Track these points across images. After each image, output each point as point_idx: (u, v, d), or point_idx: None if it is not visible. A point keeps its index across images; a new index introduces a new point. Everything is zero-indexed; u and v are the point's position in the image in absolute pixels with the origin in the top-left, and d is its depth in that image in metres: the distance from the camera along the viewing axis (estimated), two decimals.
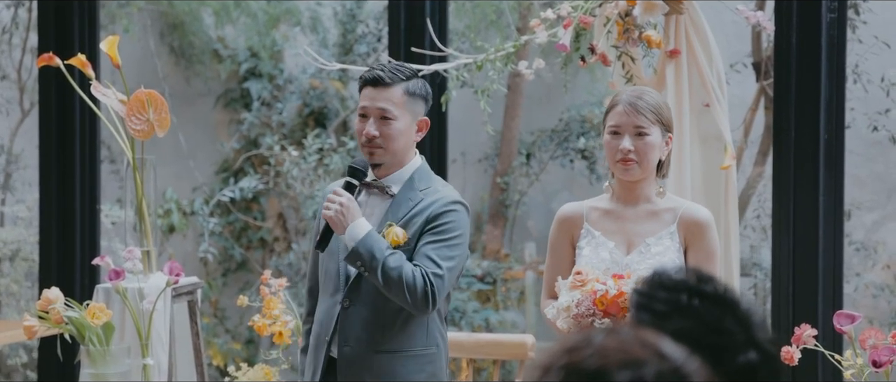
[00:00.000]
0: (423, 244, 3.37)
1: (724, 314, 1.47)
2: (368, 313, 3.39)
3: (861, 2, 5.64)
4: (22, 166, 6.76)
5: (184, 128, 6.96)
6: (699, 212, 3.36)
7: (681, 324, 1.45)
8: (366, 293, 3.39)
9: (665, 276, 1.50)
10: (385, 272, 3.28)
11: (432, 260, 3.34)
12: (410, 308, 3.33)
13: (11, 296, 6.50)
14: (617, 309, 3.07)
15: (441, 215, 3.39)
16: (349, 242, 3.30)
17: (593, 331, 1.35)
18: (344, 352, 3.40)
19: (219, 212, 6.87)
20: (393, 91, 3.38)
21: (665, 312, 1.47)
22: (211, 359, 6.65)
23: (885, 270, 5.97)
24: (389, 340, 3.39)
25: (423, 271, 3.31)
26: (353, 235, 3.30)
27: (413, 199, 3.41)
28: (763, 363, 1.46)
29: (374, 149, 3.39)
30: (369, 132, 3.37)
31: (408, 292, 3.29)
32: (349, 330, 3.40)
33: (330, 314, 3.45)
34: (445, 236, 3.38)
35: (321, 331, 3.47)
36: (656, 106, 3.33)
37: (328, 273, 3.48)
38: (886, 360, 3.21)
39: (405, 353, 3.41)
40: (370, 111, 3.38)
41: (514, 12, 6.52)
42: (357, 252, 3.29)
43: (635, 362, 1.29)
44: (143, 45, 6.97)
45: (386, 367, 3.39)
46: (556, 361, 1.32)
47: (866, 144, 5.93)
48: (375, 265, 3.28)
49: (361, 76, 3.44)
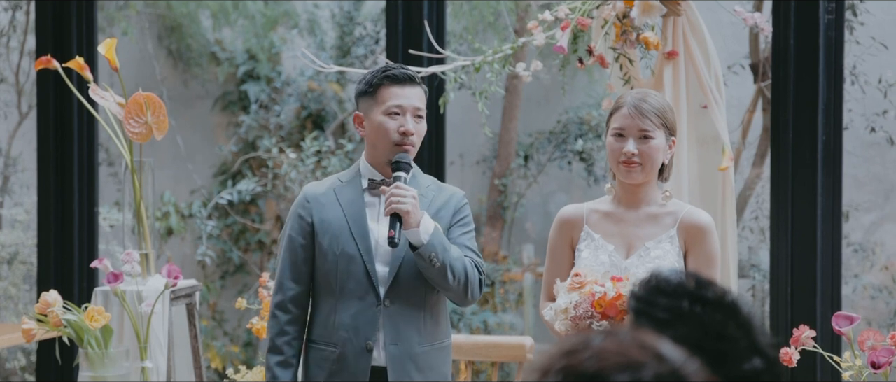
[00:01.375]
0: (458, 235, 3.42)
1: (726, 320, 1.46)
2: (411, 309, 3.38)
3: (858, 3, 5.65)
4: (20, 169, 6.76)
5: (182, 131, 6.96)
6: (700, 217, 3.35)
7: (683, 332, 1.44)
8: (406, 290, 3.37)
9: (663, 281, 1.50)
10: (453, 264, 3.30)
11: (472, 250, 3.42)
12: (466, 297, 3.37)
13: (10, 299, 6.50)
14: (615, 312, 3.07)
15: (462, 208, 3.47)
16: (423, 236, 3.26)
17: (592, 333, 1.34)
18: (392, 352, 3.36)
19: (217, 215, 6.87)
20: (420, 90, 3.43)
21: (666, 320, 1.46)
22: (209, 362, 6.65)
23: (884, 271, 5.97)
24: (430, 334, 3.41)
25: (473, 261, 3.38)
26: (426, 228, 3.28)
27: (426, 195, 3.43)
28: (767, 369, 1.46)
29: (410, 146, 3.39)
30: (409, 128, 3.37)
31: (470, 282, 3.34)
32: (395, 329, 3.36)
33: (366, 317, 3.36)
34: (470, 228, 3.47)
35: (355, 337, 3.36)
36: (661, 109, 3.32)
37: (352, 276, 3.38)
38: (885, 361, 3.21)
39: (438, 345, 3.44)
40: (406, 108, 3.38)
41: (512, 14, 6.53)
42: (432, 245, 3.26)
43: (634, 364, 1.29)
44: (140, 47, 6.97)
45: (427, 361, 3.40)
46: (555, 363, 1.31)
47: (864, 145, 5.93)
48: (447, 258, 3.28)
49: (384, 75, 3.41)
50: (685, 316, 1.46)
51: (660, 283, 1.49)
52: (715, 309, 1.47)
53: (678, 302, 1.47)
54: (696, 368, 1.31)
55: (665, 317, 1.46)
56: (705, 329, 1.45)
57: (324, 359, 3.40)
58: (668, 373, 1.29)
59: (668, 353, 1.31)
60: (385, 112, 3.38)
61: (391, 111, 3.38)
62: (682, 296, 1.47)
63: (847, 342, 3.34)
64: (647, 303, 1.48)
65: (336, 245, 3.39)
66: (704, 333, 1.45)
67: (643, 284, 1.51)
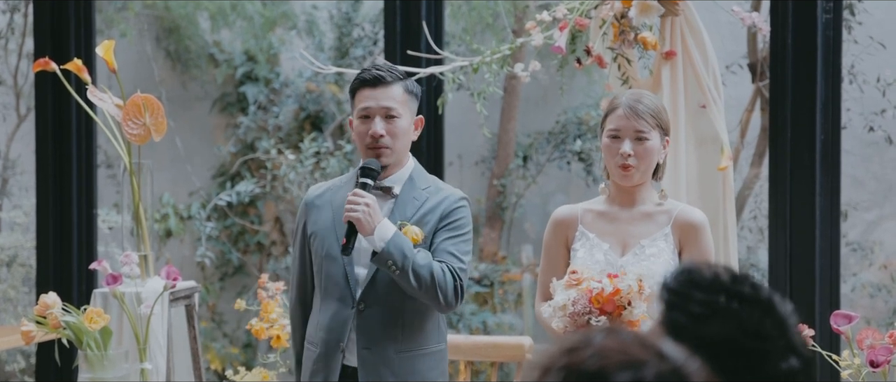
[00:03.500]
0: (442, 240, 3.37)
1: (763, 317, 1.44)
2: (386, 314, 3.36)
3: (856, 2, 5.65)
4: (18, 171, 6.75)
5: (180, 133, 6.96)
6: (693, 214, 3.36)
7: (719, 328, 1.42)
8: (382, 294, 3.36)
9: (697, 273, 1.46)
10: (416, 270, 3.25)
11: (454, 256, 3.35)
12: (439, 304, 3.32)
13: (9, 302, 6.50)
14: (613, 307, 3.08)
15: (454, 211, 3.40)
16: (378, 243, 3.24)
17: (593, 332, 1.33)
18: (364, 355, 3.35)
19: (216, 216, 6.87)
20: (394, 89, 3.38)
21: (702, 314, 1.43)
22: (209, 363, 6.65)
23: (882, 270, 5.98)
24: (408, 339, 3.37)
25: (449, 266, 3.32)
26: (382, 235, 3.25)
27: (419, 198, 3.40)
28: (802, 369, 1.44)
29: (382, 148, 3.36)
30: (377, 131, 3.34)
31: (439, 288, 3.28)
32: (368, 333, 3.36)
33: (340, 318, 3.38)
34: (460, 231, 3.40)
35: (330, 338, 3.39)
36: (655, 110, 3.34)
37: (332, 278, 3.41)
38: (884, 360, 3.21)
39: (422, 352, 3.40)
40: (374, 111, 3.36)
41: (510, 15, 6.53)
42: (388, 252, 3.24)
43: (635, 363, 1.29)
44: (139, 49, 6.96)
45: (406, 367, 3.37)
46: (556, 362, 1.31)
47: (862, 144, 5.94)
48: (407, 264, 3.24)
49: (357, 78, 3.41)
50: (721, 312, 1.44)
51: (694, 276, 1.46)
52: (752, 305, 1.44)
53: (715, 296, 1.44)
54: (696, 367, 1.30)
55: (701, 312, 1.44)
56: (742, 327, 1.43)
57: (309, 358, 3.46)
58: (670, 372, 1.28)
59: (670, 352, 1.30)
60: (358, 116, 3.39)
61: (361, 115, 3.38)
62: (718, 291, 1.44)
63: (846, 341, 3.34)
64: (681, 296, 1.45)
65: (322, 247, 3.42)
66: (742, 331, 1.42)
67: (676, 276, 1.48)
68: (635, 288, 3.07)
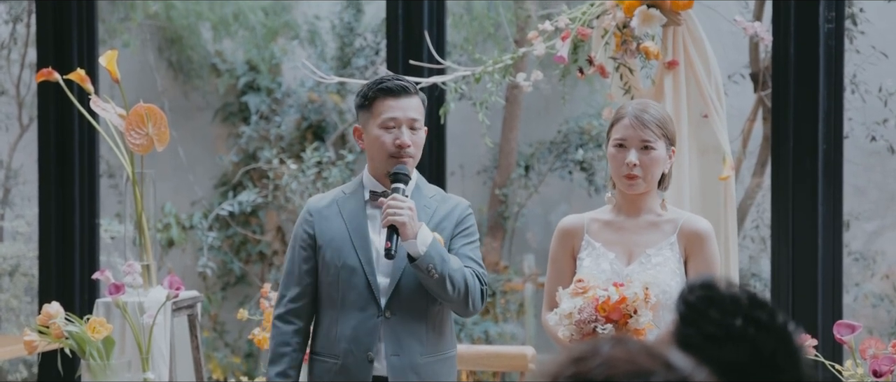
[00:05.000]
0: (461, 246, 3.41)
1: (777, 347, 1.42)
2: (412, 321, 3.37)
3: (859, 12, 5.65)
4: (21, 181, 6.76)
5: (183, 142, 6.97)
6: (699, 223, 3.37)
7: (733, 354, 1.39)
8: (406, 301, 3.37)
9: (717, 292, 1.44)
10: (451, 275, 3.29)
11: (475, 261, 3.41)
12: (466, 309, 3.36)
13: (11, 311, 6.50)
14: (619, 315, 3.08)
15: (466, 218, 3.46)
16: (420, 247, 3.26)
17: (600, 341, 1.33)
18: (393, 362, 3.35)
19: (218, 226, 6.87)
20: (415, 100, 3.42)
21: (716, 336, 1.41)
22: (211, 373, 6.64)
23: (885, 280, 5.97)
24: (432, 344, 3.40)
25: (474, 271, 3.37)
26: (423, 240, 3.27)
27: (429, 206, 3.43)
28: None
29: (407, 158, 3.39)
30: (405, 140, 3.36)
31: (470, 293, 3.33)
32: (397, 340, 3.36)
33: (366, 327, 3.37)
34: (473, 238, 3.46)
35: (356, 348, 3.37)
36: (661, 119, 3.34)
37: (353, 288, 3.38)
38: (887, 370, 3.21)
39: (442, 356, 3.43)
40: (401, 121, 3.37)
41: (512, 25, 6.53)
42: (429, 256, 3.26)
43: (643, 372, 1.28)
44: (141, 59, 6.97)
45: (430, 372, 3.39)
46: (563, 371, 1.31)
47: (865, 154, 5.94)
48: (445, 269, 3.28)
49: (377, 87, 3.41)
50: (736, 337, 1.41)
51: (713, 294, 1.44)
52: (768, 333, 1.42)
53: (731, 319, 1.42)
54: (704, 377, 1.30)
55: (715, 333, 1.42)
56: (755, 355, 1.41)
57: (326, 371, 3.42)
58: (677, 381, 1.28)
59: (677, 361, 1.30)
60: (381, 125, 3.38)
61: (386, 124, 3.38)
62: (735, 314, 1.42)
63: (849, 350, 3.34)
64: (698, 313, 1.43)
65: (338, 257, 3.40)
66: (754, 358, 1.41)
67: (694, 289, 1.46)
68: (641, 297, 3.07)
